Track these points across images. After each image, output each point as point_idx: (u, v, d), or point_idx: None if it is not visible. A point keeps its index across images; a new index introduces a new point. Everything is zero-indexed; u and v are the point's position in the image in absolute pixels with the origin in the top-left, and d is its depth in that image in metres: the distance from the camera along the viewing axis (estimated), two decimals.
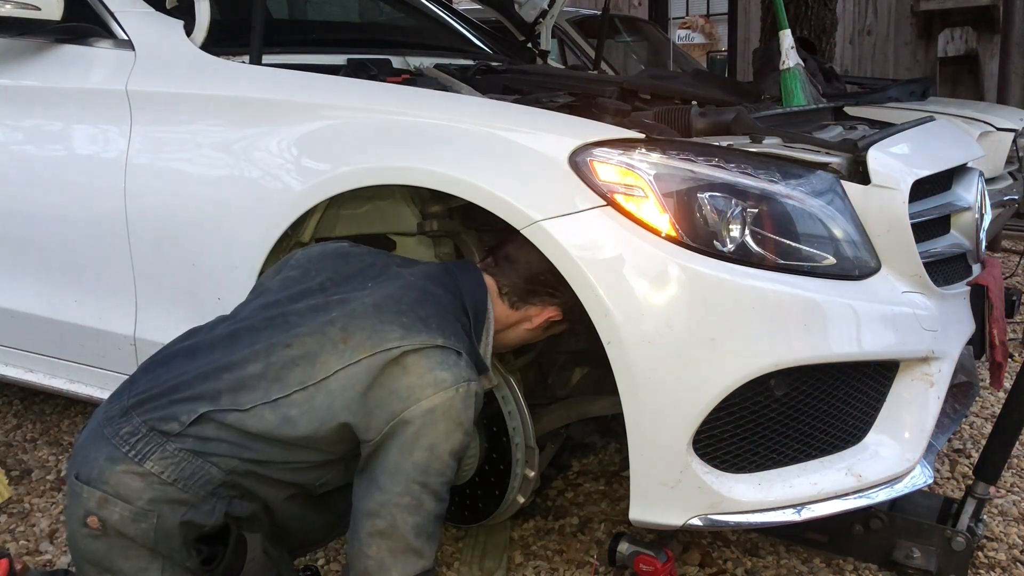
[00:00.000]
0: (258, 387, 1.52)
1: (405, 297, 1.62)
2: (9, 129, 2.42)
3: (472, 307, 1.70)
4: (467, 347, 1.60)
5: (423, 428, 1.49)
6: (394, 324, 1.55)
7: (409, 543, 1.50)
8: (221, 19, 2.38)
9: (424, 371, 1.51)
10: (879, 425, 1.83)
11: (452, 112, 1.95)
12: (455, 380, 1.51)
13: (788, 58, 2.67)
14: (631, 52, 6.87)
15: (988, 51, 8.37)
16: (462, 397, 1.52)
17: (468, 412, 1.53)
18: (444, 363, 1.52)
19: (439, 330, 1.56)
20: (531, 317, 1.81)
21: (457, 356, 1.55)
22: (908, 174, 1.89)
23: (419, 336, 1.53)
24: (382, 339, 1.53)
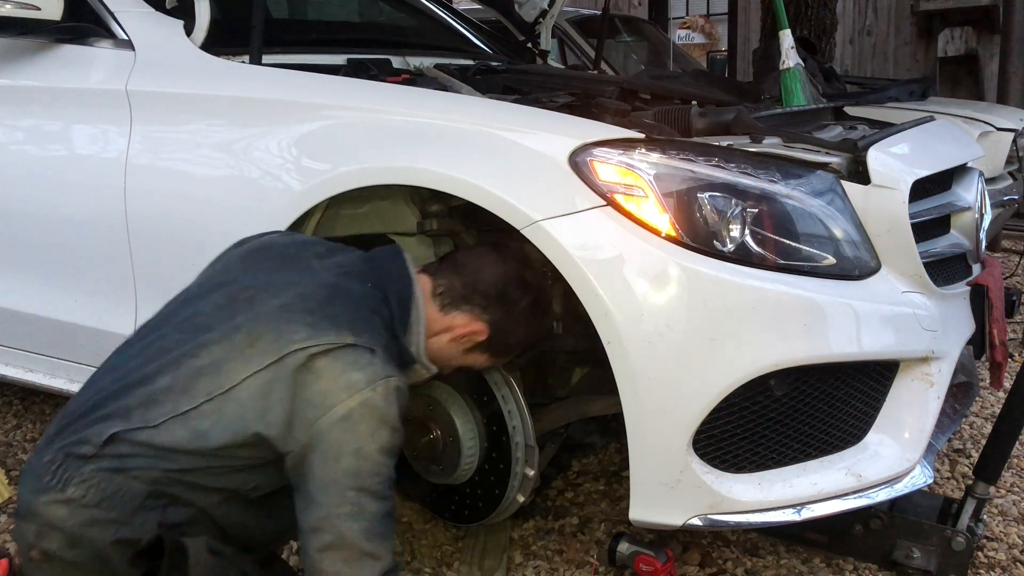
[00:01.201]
0: (167, 401, 1.47)
1: (315, 295, 1.54)
2: (9, 129, 2.42)
3: (395, 297, 1.62)
4: (385, 341, 1.54)
5: (344, 434, 1.44)
6: (300, 324, 1.48)
7: (361, 549, 1.44)
8: (221, 19, 2.37)
9: (336, 374, 1.45)
10: (879, 425, 1.83)
11: (452, 112, 1.95)
12: (369, 380, 1.45)
13: (788, 58, 2.67)
14: (631, 52, 6.87)
15: (988, 51, 8.38)
16: (380, 396, 1.45)
17: (391, 409, 1.46)
18: (356, 363, 1.46)
19: (349, 327, 1.49)
20: (455, 327, 1.71)
21: (371, 353, 1.48)
22: (908, 174, 1.89)
23: (326, 336, 1.47)
24: (287, 341, 1.46)
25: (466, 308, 1.70)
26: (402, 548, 2.21)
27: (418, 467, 2.04)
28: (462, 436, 1.94)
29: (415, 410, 1.99)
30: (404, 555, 2.18)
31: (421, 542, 2.23)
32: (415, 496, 2.22)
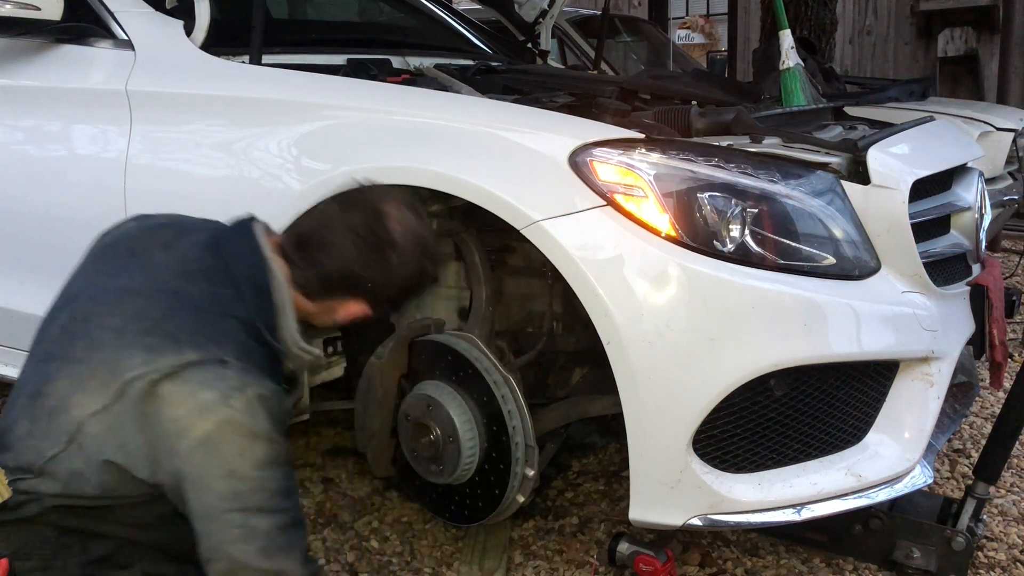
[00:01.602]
0: (32, 448, 1.38)
1: (151, 310, 1.40)
2: (9, 129, 2.42)
3: (250, 289, 1.47)
4: (241, 345, 1.41)
5: (208, 460, 1.33)
6: (136, 348, 1.36)
7: (261, 569, 1.35)
8: (221, 19, 2.38)
9: (184, 397, 1.33)
10: (879, 425, 1.83)
11: (452, 112, 1.95)
12: (223, 396, 1.33)
13: (788, 58, 2.66)
14: (631, 52, 6.87)
15: (988, 51, 8.37)
16: (239, 410, 1.33)
17: (256, 420, 1.34)
18: (204, 382, 1.34)
19: (191, 343, 1.36)
20: (334, 310, 1.59)
21: (220, 366, 1.35)
22: (908, 174, 1.89)
23: (165, 358, 1.34)
24: (124, 369, 1.34)
25: (337, 295, 1.57)
26: (402, 548, 2.21)
27: (418, 467, 2.04)
28: (462, 436, 1.94)
29: (415, 410, 1.99)
30: (404, 555, 2.19)
31: (421, 542, 2.23)
32: (415, 496, 2.22)
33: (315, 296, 1.56)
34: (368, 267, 1.53)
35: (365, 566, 2.15)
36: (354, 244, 1.52)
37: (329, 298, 1.57)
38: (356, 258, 1.52)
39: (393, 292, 1.59)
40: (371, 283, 1.55)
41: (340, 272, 1.54)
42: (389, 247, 1.53)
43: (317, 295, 1.56)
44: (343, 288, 1.56)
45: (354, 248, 1.52)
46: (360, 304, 1.58)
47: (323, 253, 1.53)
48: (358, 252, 1.52)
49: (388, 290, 1.58)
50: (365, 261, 1.53)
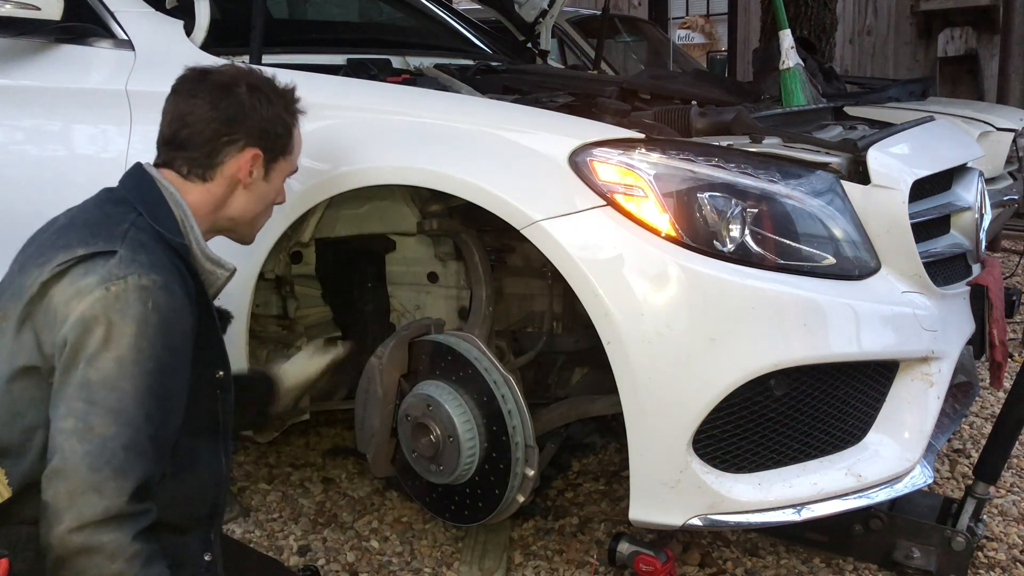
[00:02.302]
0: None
1: (49, 235, 1.43)
2: (9, 129, 2.42)
3: (144, 203, 1.47)
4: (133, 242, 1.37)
5: (77, 342, 1.28)
6: (33, 267, 1.37)
7: (83, 479, 1.24)
8: (221, 19, 2.37)
9: (66, 286, 1.32)
10: (879, 425, 1.83)
11: (452, 112, 1.95)
12: (101, 280, 1.30)
13: (788, 58, 2.67)
14: (631, 52, 6.88)
15: (988, 51, 8.37)
16: (115, 295, 1.29)
17: (131, 310, 1.30)
18: (88, 271, 1.32)
19: (81, 243, 1.36)
20: (235, 174, 1.56)
21: (106, 256, 1.33)
22: (908, 174, 1.89)
23: (55, 261, 1.34)
24: (23, 288, 1.35)
25: (222, 155, 1.55)
26: (402, 548, 2.21)
27: (418, 467, 2.04)
28: (462, 436, 1.93)
29: (415, 410, 1.99)
30: (404, 555, 2.19)
31: (421, 542, 2.24)
32: (415, 496, 2.21)
33: (208, 171, 1.55)
34: (227, 110, 1.54)
35: (365, 566, 2.15)
36: (203, 103, 1.55)
37: (220, 163, 1.55)
38: (211, 111, 1.54)
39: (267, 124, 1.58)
40: (240, 121, 1.54)
41: (209, 130, 1.54)
42: (232, 86, 1.56)
43: (208, 167, 1.55)
44: (222, 143, 1.54)
45: (205, 105, 1.54)
46: (249, 150, 1.56)
47: (186, 130, 1.55)
48: (211, 106, 1.54)
49: (261, 123, 1.57)
50: (221, 108, 1.54)
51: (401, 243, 2.32)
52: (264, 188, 1.62)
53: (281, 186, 1.67)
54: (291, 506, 2.43)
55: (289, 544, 2.25)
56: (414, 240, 2.26)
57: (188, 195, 1.54)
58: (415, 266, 2.33)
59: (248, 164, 1.56)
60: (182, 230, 1.49)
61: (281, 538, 2.28)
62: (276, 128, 1.59)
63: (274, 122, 1.59)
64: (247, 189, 1.59)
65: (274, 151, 1.60)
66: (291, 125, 1.63)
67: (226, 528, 2.27)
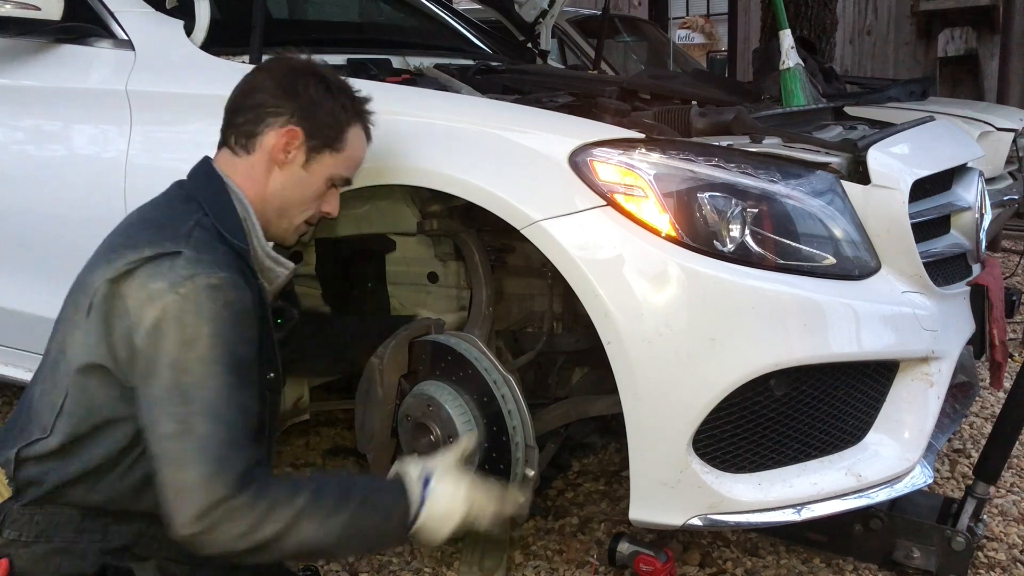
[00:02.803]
0: (47, 404, 1.43)
1: (117, 239, 1.47)
2: (9, 129, 2.42)
3: (211, 202, 1.50)
4: (198, 241, 1.40)
5: (156, 347, 1.32)
6: (100, 268, 1.41)
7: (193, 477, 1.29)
8: (221, 19, 2.37)
9: (137, 288, 1.35)
10: (879, 425, 1.83)
11: (452, 112, 1.94)
12: (172, 283, 1.33)
13: (788, 58, 2.67)
14: (631, 52, 6.88)
15: (988, 51, 8.37)
16: (186, 298, 1.32)
17: (204, 309, 1.33)
18: (156, 273, 1.35)
19: (147, 242, 1.39)
20: (270, 148, 1.55)
21: (172, 258, 1.36)
22: (908, 174, 1.89)
23: (123, 260, 1.38)
24: (91, 285, 1.41)
25: (261, 127, 1.56)
26: (402, 548, 2.21)
27: None
28: (462, 436, 1.93)
29: (415, 410, 1.99)
30: (404, 555, 2.19)
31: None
32: None
33: (250, 140, 1.56)
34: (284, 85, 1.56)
35: (365, 566, 2.15)
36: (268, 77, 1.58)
37: (261, 133, 1.55)
38: (271, 83, 1.57)
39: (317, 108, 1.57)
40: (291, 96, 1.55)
41: (260, 98, 1.56)
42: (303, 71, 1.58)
43: (251, 135, 1.56)
44: (267, 111, 1.55)
45: (269, 79, 1.58)
46: (290, 127, 1.55)
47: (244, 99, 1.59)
48: (273, 81, 1.57)
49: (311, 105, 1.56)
50: (280, 82, 1.57)
51: (401, 243, 2.31)
52: (301, 175, 1.58)
53: (323, 185, 1.62)
54: None
55: None
56: (414, 240, 2.26)
57: (237, 175, 1.55)
58: (415, 266, 2.33)
59: (285, 139, 1.55)
60: (245, 228, 1.51)
61: None
62: (325, 116, 1.57)
63: (326, 110, 1.57)
64: (282, 169, 1.57)
65: (318, 138, 1.57)
66: (345, 122, 1.60)
67: None
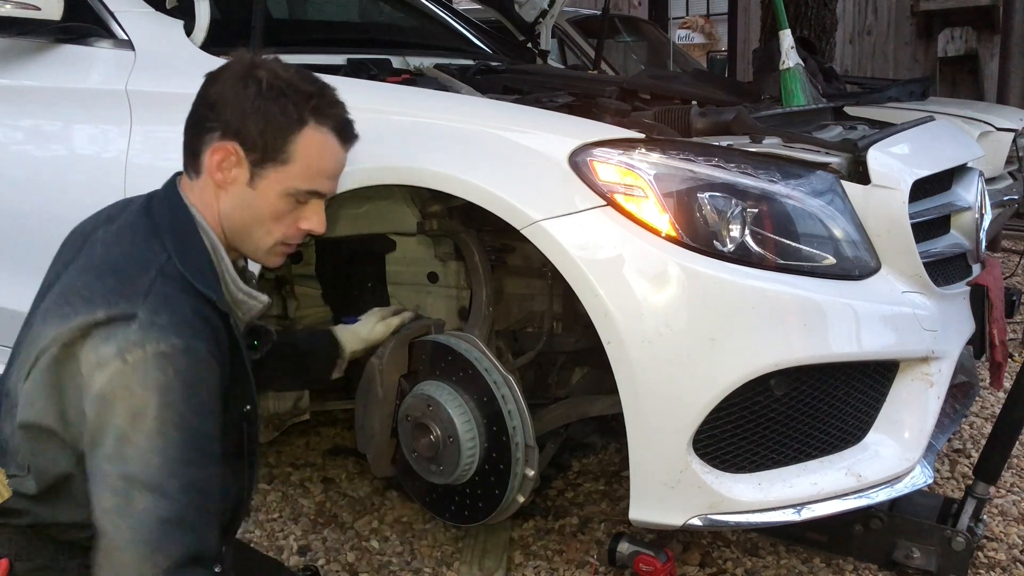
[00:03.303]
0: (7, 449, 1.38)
1: (76, 283, 1.36)
2: (9, 129, 2.42)
3: (173, 236, 1.39)
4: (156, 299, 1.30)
5: (102, 416, 1.25)
6: (54, 320, 1.33)
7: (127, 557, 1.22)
8: (221, 19, 2.37)
9: (88, 353, 1.28)
10: (879, 425, 1.83)
11: (452, 112, 1.94)
12: (119, 350, 1.25)
13: (788, 58, 2.66)
14: (631, 52, 6.87)
15: (988, 51, 8.37)
16: (133, 367, 1.25)
17: (149, 377, 1.25)
18: (107, 337, 1.27)
19: (103, 302, 1.30)
20: (209, 166, 1.43)
21: (125, 321, 1.27)
22: (908, 174, 1.89)
23: (77, 318, 1.30)
24: (41, 339, 1.33)
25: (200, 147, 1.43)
26: (402, 548, 2.21)
27: (418, 467, 2.04)
28: (462, 436, 1.93)
29: (415, 410, 1.99)
30: (404, 555, 2.19)
31: (421, 542, 2.24)
32: (415, 496, 2.21)
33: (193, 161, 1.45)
34: (219, 93, 1.41)
35: (365, 566, 2.15)
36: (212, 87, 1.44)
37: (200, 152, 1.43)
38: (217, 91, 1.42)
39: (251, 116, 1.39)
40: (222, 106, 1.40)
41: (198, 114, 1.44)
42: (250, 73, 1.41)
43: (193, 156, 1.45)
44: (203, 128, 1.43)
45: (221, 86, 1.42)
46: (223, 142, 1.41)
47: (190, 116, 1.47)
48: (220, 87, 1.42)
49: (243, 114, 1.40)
50: (221, 91, 1.41)
51: (401, 243, 2.32)
52: (248, 195, 1.43)
53: (280, 203, 1.44)
54: (291, 506, 2.43)
55: (289, 544, 2.25)
56: (414, 240, 2.26)
57: (195, 198, 1.45)
58: (415, 266, 2.33)
59: (218, 156, 1.41)
60: (214, 265, 1.41)
61: (281, 538, 2.28)
62: (261, 124, 1.39)
63: (262, 116, 1.39)
64: (227, 190, 1.43)
65: (255, 151, 1.41)
66: (289, 128, 1.41)
67: None
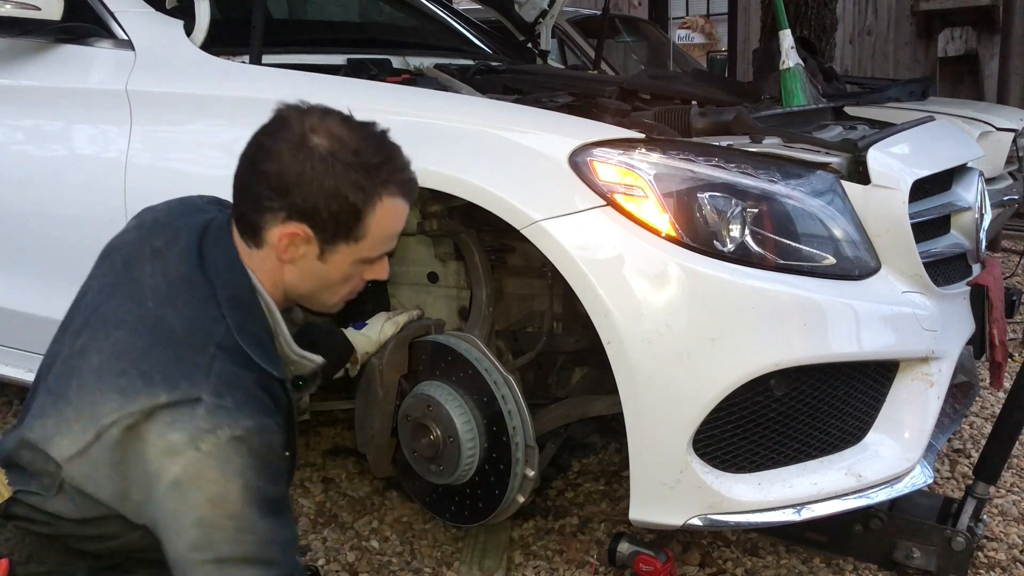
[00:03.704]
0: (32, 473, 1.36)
1: (131, 345, 1.33)
2: (9, 129, 2.42)
3: (232, 306, 1.36)
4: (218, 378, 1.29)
5: (178, 506, 1.25)
6: (112, 392, 1.29)
7: None
8: (221, 19, 2.37)
9: (155, 439, 1.26)
10: (879, 425, 1.83)
11: (452, 112, 1.95)
12: (191, 438, 1.24)
13: (788, 58, 2.67)
14: (631, 52, 6.88)
15: (988, 51, 8.36)
16: (209, 452, 1.24)
17: (230, 464, 1.25)
18: (174, 423, 1.25)
19: (164, 382, 1.28)
20: (274, 243, 1.39)
21: (191, 405, 1.26)
22: (908, 174, 1.89)
23: (138, 401, 1.27)
24: (100, 414, 1.29)
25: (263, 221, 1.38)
26: (402, 548, 2.21)
27: (418, 467, 2.04)
28: (462, 436, 1.94)
29: (415, 410, 1.99)
30: (404, 555, 2.19)
31: (421, 542, 2.23)
32: (415, 496, 2.22)
33: (255, 235, 1.39)
34: (285, 175, 1.35)
35: (365, 566, 2.15)
36: (264, 154, 1.37)
37: (261, 230, 1.38)
38: (275, 168, 1.36)
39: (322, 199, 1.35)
40: (288, 188, 1.35)
41: (256, 190, 1.37)
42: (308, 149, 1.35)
43: (255, 231, 1.39)
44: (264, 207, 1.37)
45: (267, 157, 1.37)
46: (291, 224, 1.37)
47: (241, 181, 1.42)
48: (278, 162, 1.36)
49: (313, 197, 1.35)
50: (282, 166, 1.35)
51: (401, 243, 2.31)
52: (319, 268, 1.42)
53: (350, 270, 1.44)
54: None
55: None
56: (414, 240, 2.26)
57: (253, 264, 1.41)
58: (415, 266, 2.33)
59: (287, 240, 1.38)
60: (272, 333, 1.40)
61: None
62: (332, 205, 1.35)
63: (334, 199, 1.36)
64: (293, 265, 1.41)
65: (327, 232, 1.37)
66: (363, 204, 1.37)
67: None
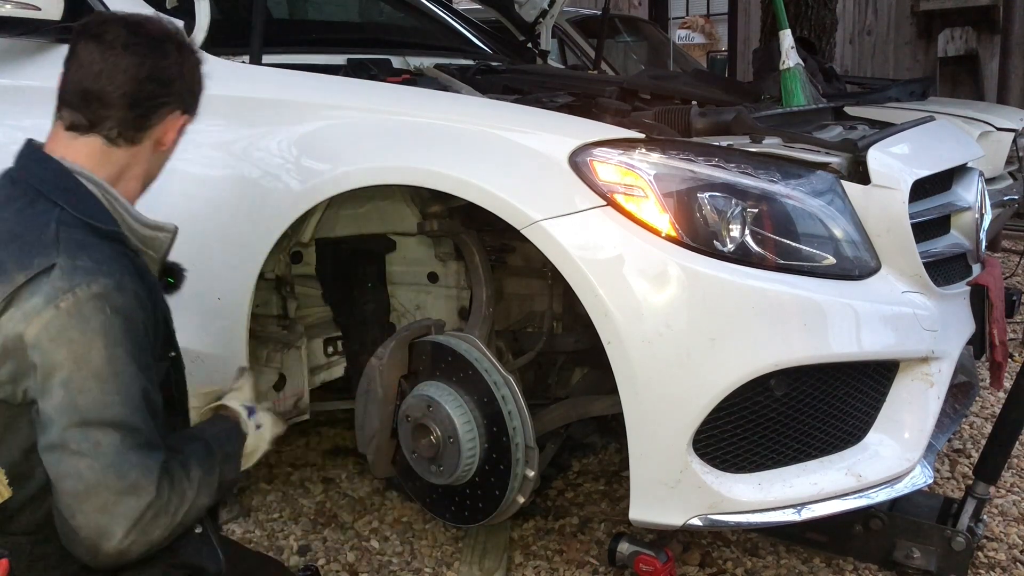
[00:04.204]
0: None
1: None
2: (9, 129, 2.41)
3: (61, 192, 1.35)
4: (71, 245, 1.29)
5: (45, 368, 1.24)
6: None
7: (113, 489, 1.23)
8: (221, 19, 2.37)
9: (17, 312, 1.24)
10: (879, 425, 1.83)
11: (452, 112, 1.95)
12: (48, 299, 1.24)
13: (788, 58, 2.67)
14: (631, 52, 6.88)
15: (988, 51, 8.37)
16: (68, 311, 1.23)
17: (92, 321, 1.24)
18: (34, 292, 1.25)
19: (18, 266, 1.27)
20: (160, 138, 1.46)
21: (47, 272, 1.26)
22: (908, 174, 1.89)
23: None
24: None
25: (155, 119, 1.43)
26: (402, 548, 2.21)
27: (418, 468, 2.04)
28: (462, 437, 1.94)
29: (415, 411, 1.99)
30: (404, 555, 2.19)
31: (421, 542, 2.24)
32: (415, 496, 2.22)
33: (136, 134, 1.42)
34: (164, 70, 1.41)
35: (365, 566, 2.15)
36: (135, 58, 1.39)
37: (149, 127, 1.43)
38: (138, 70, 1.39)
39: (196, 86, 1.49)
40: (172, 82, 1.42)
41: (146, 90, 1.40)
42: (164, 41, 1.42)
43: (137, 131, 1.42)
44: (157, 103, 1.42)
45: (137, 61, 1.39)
46: (175, 114, 1.46)
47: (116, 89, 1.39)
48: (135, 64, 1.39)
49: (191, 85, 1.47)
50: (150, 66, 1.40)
51: (401, 243, 2.32)
52: (172, 151, 1.54)
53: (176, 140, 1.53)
54: (291, 506, 2.43)
55: (289, 544, 2.25)
56: (414, 240, 2.26)
57: (107, 166, 1.41)
58: (415, 266, 2.34)
59: (176, 129, 1.48)
60: (110, 211, 1.39)
61: (281, 538, 2.28)
62: (198, 89, 1.50)
63: (200, 83, 1.50)
64: (162, 153, 1.50)
65: (195, 114, 1.52)
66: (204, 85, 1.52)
67: (226, 528, 2.27)
